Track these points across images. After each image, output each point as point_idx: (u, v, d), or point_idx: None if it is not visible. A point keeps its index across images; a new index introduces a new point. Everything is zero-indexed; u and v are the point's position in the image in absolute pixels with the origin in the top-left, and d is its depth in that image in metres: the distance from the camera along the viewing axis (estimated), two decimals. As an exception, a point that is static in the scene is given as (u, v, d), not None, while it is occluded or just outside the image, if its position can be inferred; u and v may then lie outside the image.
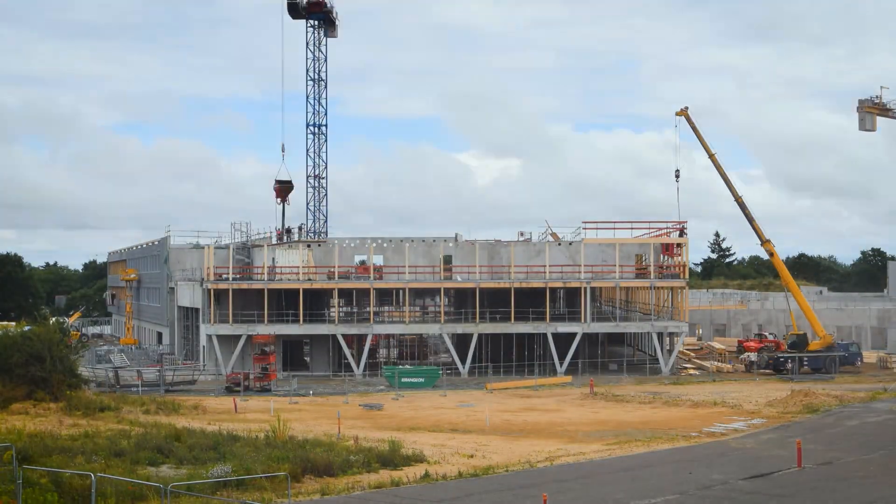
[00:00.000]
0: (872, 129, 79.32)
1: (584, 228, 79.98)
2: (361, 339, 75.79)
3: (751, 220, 77.14)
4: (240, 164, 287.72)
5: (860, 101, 79.06)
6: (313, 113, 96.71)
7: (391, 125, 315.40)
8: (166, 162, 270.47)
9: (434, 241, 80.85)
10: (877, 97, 78.25)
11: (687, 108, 76.36)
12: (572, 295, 79.43)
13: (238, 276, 76.40)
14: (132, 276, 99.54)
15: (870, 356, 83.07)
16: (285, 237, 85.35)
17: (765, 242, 78.45)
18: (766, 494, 30.88)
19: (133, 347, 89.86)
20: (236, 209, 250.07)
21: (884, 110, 78.58)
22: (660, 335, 76.27)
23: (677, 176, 77.06)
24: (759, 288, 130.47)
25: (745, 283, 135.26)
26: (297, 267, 75.77)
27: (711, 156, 76.07)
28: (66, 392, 53.19)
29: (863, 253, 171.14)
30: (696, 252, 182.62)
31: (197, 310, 78.06)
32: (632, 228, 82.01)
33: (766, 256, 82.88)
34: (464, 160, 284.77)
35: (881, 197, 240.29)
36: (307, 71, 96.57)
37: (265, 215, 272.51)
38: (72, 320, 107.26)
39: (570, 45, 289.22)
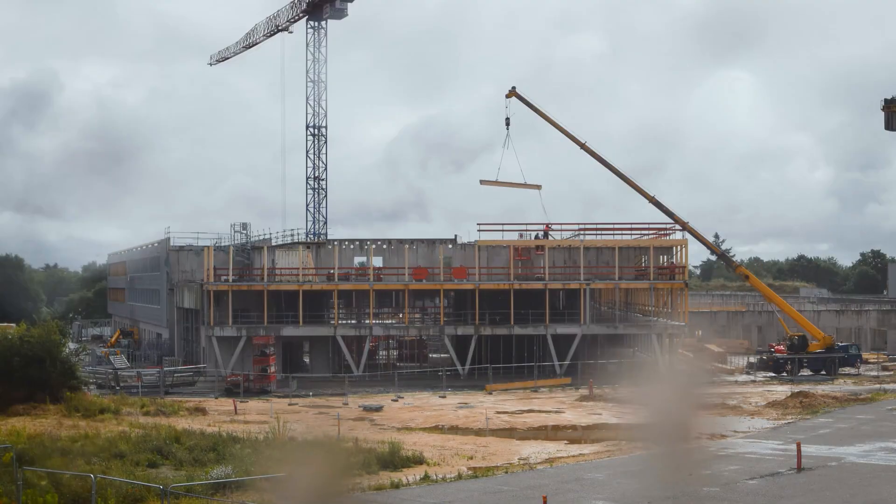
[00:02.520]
0: None
1: (584, 230, 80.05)
2: (361, 340, 75.78)
3: (708, 244, 76.85)
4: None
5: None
6: (313, 115, 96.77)
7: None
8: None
9: (434, 242, 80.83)
10: None
11: (514, 87, 73.19)
12: (572, 296, 79.43)
13: (238, 277, 76.40)
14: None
15: (870, 358, 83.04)
16: None
17: (737, 268, 78.53)
18: (765, 495, 30.88)
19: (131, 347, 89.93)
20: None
21: None
22: (659, 336, 76.25)
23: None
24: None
25: (744, 285, 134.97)
26: (297, 268, 75.79)
27: (582, 145, 74.13)
28: (66, 394, 53.10)
29: (862, 255, 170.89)
30: (696, 254, 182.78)
31: (197, 311, 78.03)
32: (631, 230, 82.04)
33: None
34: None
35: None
36: (307, 72, 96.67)
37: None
38: (112, 342, 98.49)
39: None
